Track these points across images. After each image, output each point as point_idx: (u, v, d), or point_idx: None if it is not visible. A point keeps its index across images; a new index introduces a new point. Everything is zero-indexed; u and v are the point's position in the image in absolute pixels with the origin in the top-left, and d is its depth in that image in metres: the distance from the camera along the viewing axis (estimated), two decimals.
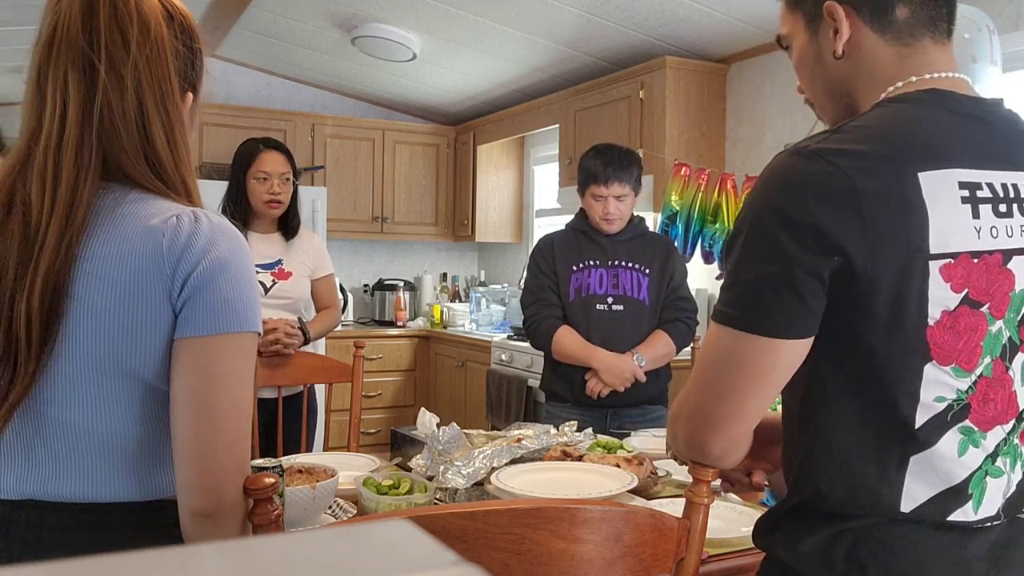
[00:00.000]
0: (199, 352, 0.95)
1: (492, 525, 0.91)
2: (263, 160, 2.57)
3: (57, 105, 0.97)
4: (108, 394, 0.97)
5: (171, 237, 0.95)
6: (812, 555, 0.95)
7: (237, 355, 0.97)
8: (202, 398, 0.95)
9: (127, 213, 0.97)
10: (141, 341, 0.95)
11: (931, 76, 0.97)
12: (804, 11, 1.04)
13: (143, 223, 0.96)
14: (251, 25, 4.52)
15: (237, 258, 0.98)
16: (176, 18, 1.02)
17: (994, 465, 0.93)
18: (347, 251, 5.69)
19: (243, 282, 0.98)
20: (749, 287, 0.91)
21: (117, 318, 0.94)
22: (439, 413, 2.25)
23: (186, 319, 0.95)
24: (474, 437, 1.93)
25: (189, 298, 0.95)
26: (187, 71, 1.05)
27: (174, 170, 1.01)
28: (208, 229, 0.97)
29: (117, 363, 0.96)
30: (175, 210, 0.98)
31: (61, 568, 0.32)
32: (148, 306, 0.95)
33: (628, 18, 3.69)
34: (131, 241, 0.95)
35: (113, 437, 0.98)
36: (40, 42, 0.98)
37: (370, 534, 0.38)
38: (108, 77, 0.95)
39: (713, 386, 0.96)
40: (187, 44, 1.04)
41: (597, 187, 2.52)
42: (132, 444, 0.99)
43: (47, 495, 0.98)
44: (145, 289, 0.94)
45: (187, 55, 1.04)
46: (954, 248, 0.88)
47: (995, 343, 0.91)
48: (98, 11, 0.96)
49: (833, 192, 0.86)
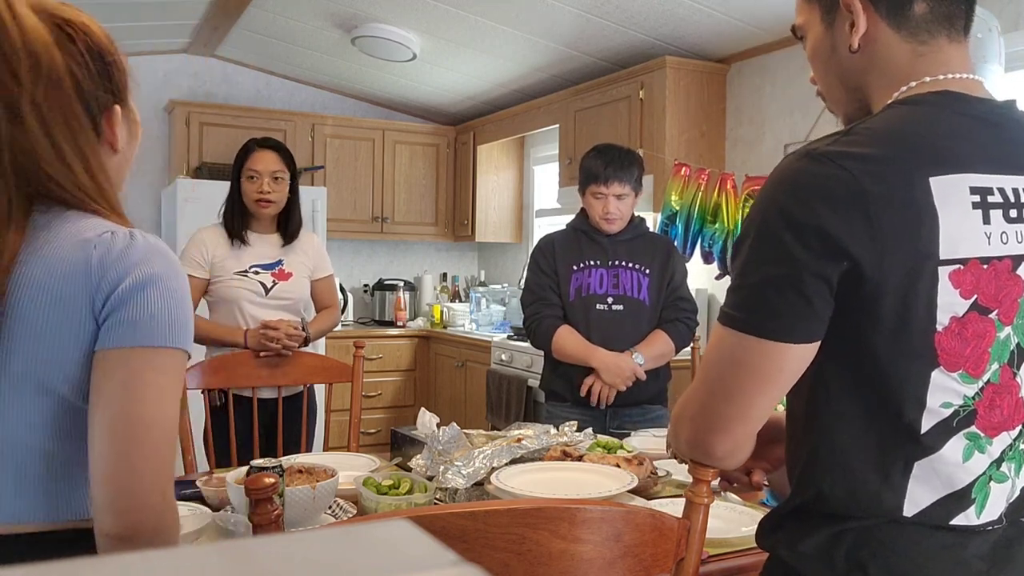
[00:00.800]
0: (120, 365, 0.91)
1: (492, 525, 0.91)
2: (254, 159, 2.56)
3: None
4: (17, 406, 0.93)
5: (103, 250, 0.93)
6: (813, 555, 0.95)
7: (161, 370, 0.92)
8: (120, 412, 0.90)
9: (62, 229, 0.95)
10: (60, 351, 0.92)
11: (945, 77, 0.96)
12: (821, 2, 1.03)
13: (77, 237, 0.94)
14: (251, 25, 4.52)
15: (170, 276, 0.95)
16: (79, 39, 0.96)
17: (999, 470, 0.93)
18: (347, 251, 5.69)
19: (174, 299, 0.94)
20: (755, 290, 0.90)
21: (38, 326, 0.91)
22: (439, 413, 2.25)
23: (109, 330, 0.92)
24: (474, 437, 1.93)
25: (114, 309, 0.92)
26: (104, 88, 0.99)
27: (98, 195, 0.98)
28: (143, 247, 0.94)
29: (34, 373, 0.92)
30: (111, 227, 0.95)
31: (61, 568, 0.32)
32: (71, 315, 0.91)
33: (628, 18, 3.69)
34: (62, 252, 0.93)
35: (18, 451, 0.93)
36: None
37: (370, 534, 0.38)
38: (7, 116, 0.92)
39: (718, 388, 0.95)
40: (98, 61, 0.98)
41: (597, 186, 2.52)
42: (41, 460, 0.94)
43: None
44: (70, 298, 0.91)
45: (100, 72, 0.99)
46: (964, 254, 0.87)
47: (1003, 349, 0.91)
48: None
49: (841, 195, 0.85)
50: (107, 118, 1.00)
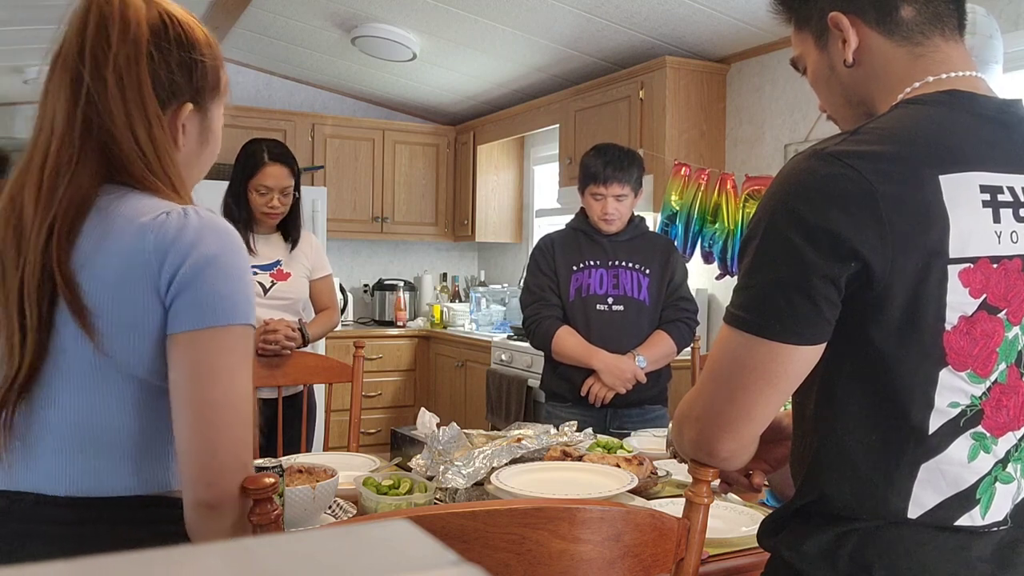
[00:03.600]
0: (190, 347, 0.96)
1: (492, 525, 0.90)
2: (266, 174, 2.54)
3: (49, 111, 1.01)
4: (104, 390, 0.99)
5: (159, 233, 0.96)
6: (816, 556, 0.95)
7: (229, 349, 0.97)
8: (196, 393, 0.96)
9: (119, 212, 0.99)
10: (132, 338, 0.97)
11: (948, 76, 0.96)
12: (811, 29, 1.03)
13: (134, 221, 0.98)
14: (251, 25, 4.52)
15: (227, 252, 0.98)
16: (172, 29, 1.04)
17: (1004, 471, 0.93)
18: (347, 251, 5.69)
19: (233, 276, 0.98)
20: (762, 291, 0.90)
21: (108, 315, 0.96)
22: (439, 413, 2.25)
23: (176, 314, 0.96)
24: (474, 437, 1.93)
25: (178, 294, 0.96)
26: (182, 80, 1.05)
27: (160, 167, 1.02)
28: (197, 225, 0.98)
29: (111, 360, 0.97)
30: (165, 207, 0.99)
31: (59, 568, 0.32)
32: (137, 303, 0.96)
33: (628, 18, 3.69)
34: (121, 238, 0.97)
35: (109, 432, 1.00)
36: (50, 59, 1.03)
37: (370, 534, 0.38)
38: (92, 80, 0.99)
39: (723, 388, 0.95)
40: (184, 54, 1.05)
41: (596, 187, 2.52)
42: (129, 438, 1.00)
43: (41, 488, 1.00)
44: (134, 286, 0.96)
45: (181, 64, 1.04)
46: (974, 252, 0.87)
47: (1011, 349, 0.91)
48: (88, 22, 1.00)
49: (851, 196, 0.85)
50: (175, 111, 1.05)
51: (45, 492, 1.00)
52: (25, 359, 0.97)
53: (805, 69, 1.08)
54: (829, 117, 1.09)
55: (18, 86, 4.68)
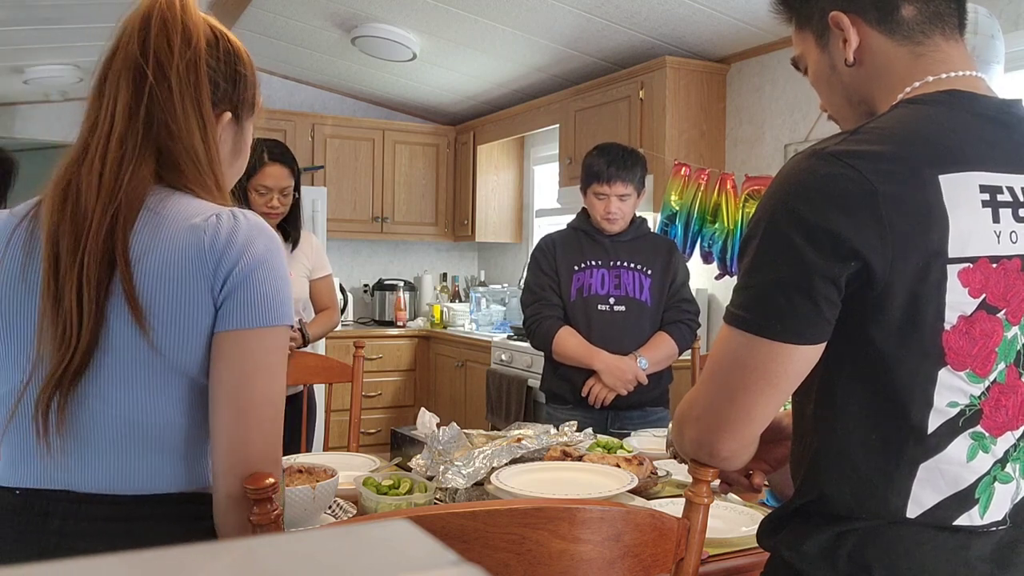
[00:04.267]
0: (236, 345, 1.00)
1: (492, 525, 0.90)
2: (265, 174, 2.55)
3: (109, 104, 1.05)
4: (152, 385, 1.01)
5: (212, 235, 1.00)
6: (816, 555, 0.95)
7: (272, 348, 1.02)
8: (238, 390, 1.00)
9: (170, 212, 1.02)
10: (185, 335, 0.99)
11: (948, 75, 0.96)
12: (812, 28, 1.03)
13: (186, 222, 1.01)
14: (251, 25, 4.52)
15: (273, 255, 1.03)
16: (222, 43, 1.11)
17: (1003, 471, 0.93)
18: (347, 251, 5.69)
19: (278, 278, 1.03)
20: (762, 291, 0.90)
21: (162, 313, 0.99)
22: (439, 413, 2.25)
23: (226, 313, 1.00)
24: (474, 437, 1.93)
25: (230, 293, 1.00)
26: (228, 91, 1.11)
27: (208, 166, 1.07)
28: (246, 228, 1.02)
29: (162, 357, 0.99)
30: (215, 209, 1.03)
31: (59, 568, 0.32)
32: (192, 301, 0.99)
33: (628, 18, 3.69)
34: (175, 238, 1.00)
35: (153, 428, 1.02)
36: (105, 57, 1.07)
37: (370, 534, 0.38)
38: (155, 79, 1.03)
39: (724, 388, 0.95)
40: (231, 66, 1.11)
41: (600, 186, 2.51)
42: (172, 435, 1.03)
43: (83, 486, 1.01)
44: (189, 285, 0.99)
45: (229, 75, 1.11)
46: (973, 252, 0.87)
47: (1010, 349, 0.91)
48: (151, 24, 1.05)
49: (852, 196, 0.85)
50: (217, 118, 1.10)
51: (91, 490, 1.01)
52: (80, 348, 0.98)
53: (806, 69, 1.08)
54: (830, 117, 1.09)
55: (18, 86, 4.68)
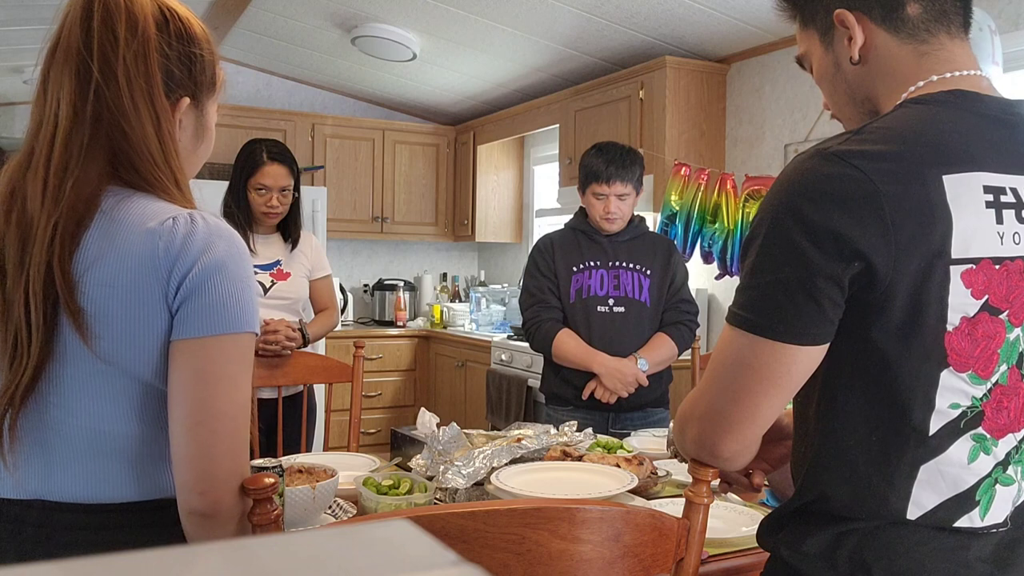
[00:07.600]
0: (195, 354, 0.96)
1: (492, 525, 0.90)
2: (264, 173, 2.55)
3: (52, 103, 0.99)
4: (108, 394, 0.98)
5: (167, 239, 0.96)
6: (816, 555, 0.94)
7: (233, 357, 0.97)
8: (198, 400, 0.95)
9: (126, 215, 0.98)
10: (139, 343, 0.96)
11: (952, 75, 0.95)
12: (816, 26, 1.03)
13: (142, 225, 0.97)
14: (251, 25, 4.52)
15: (234, 259, 0.98)
16: (173, 24, 1.03)
17: (1005, 473, 0.93)
18: (347, 251, 5.69)
19: (239, 283, 0.98)
20: (765, 291, 0.89)
21: (115, 321, 0.95)
22: (439, 413, 2.25)
23: (182, 321, 0.96)
24: (474, 437, 1.93)
25: (185, 300, 0.95)
26: (183, 76, 1.05)
27: (165, 164, 1.02)
28: (204, 231, 0.97)
29: (116, 363, 0.97)
30: (172, 212, 0.99)
31: (58, 569, 0.32)
32: (145, 308, 0.95)
33: (628, 18, 3.69)
34: (129, 243, 0.96)
35: (114, 437, 0.99)
36: (47, 50, 1.01)
37: (370, 534, 0.38)
38: (101, 74, 0.98)
39: (726, 389, 0.95)
40: (184, 47, 1.04)
41: (599, 186, 2.50)
42: (133, 444, 1.00)
43: (54, 495, 0.99)
44: (142, 291, 0.95)
45: (183, 59, 1.04)
46: (976, 253, 0.87)
47: (1012, 351, 0.90)
48: (93, 14, 0.99)
49: (855, 196, 0.84)
50: (173, 105, 1.04)
51: (63, 499, 0.99)
52: (31, 361, 0.95)
53: (811, 67, 1.07)
54: (833, 115, 1.08)
55: (18, 86, 4.68)
